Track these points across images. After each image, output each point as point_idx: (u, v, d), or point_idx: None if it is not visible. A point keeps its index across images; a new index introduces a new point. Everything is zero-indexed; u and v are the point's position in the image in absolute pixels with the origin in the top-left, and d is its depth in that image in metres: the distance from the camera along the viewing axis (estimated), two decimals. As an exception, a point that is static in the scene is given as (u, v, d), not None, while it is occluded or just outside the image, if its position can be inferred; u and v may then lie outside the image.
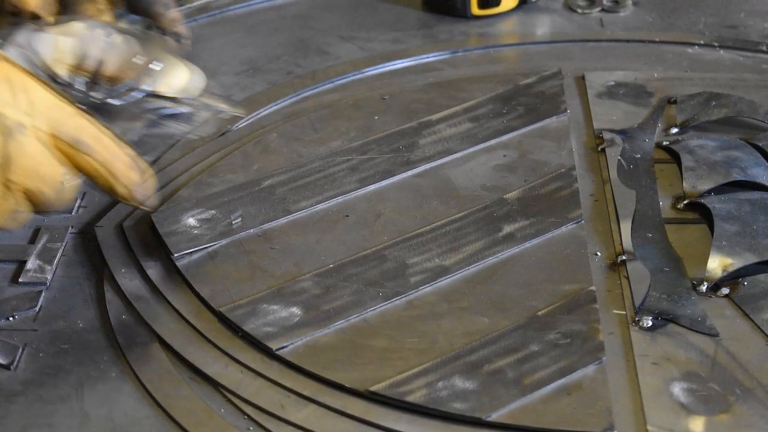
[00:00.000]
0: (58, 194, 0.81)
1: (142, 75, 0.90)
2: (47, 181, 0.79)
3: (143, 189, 0.84)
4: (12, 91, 0.77)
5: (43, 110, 0.79)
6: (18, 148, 0.77)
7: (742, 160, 1.02)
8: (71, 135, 0.80)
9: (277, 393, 0.81)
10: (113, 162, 0.82)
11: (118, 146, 0.83)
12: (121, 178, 0.83)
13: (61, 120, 0.80)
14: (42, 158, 0.79)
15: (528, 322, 0.86)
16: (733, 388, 0.80)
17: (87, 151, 0.81)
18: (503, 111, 1.13)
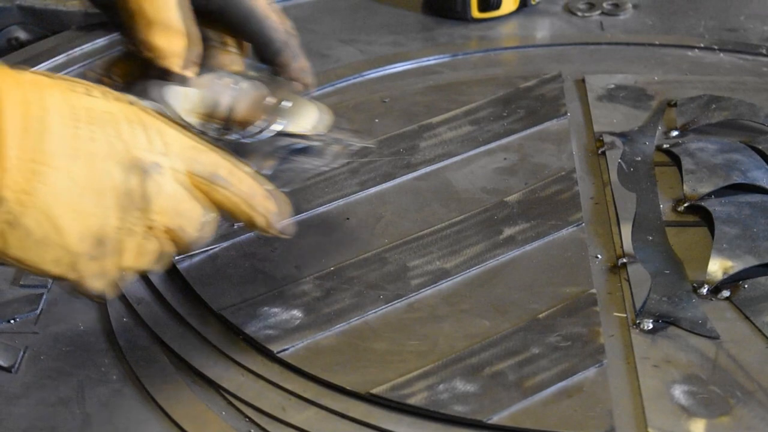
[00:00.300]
0: (199, 231, 0.81)
1: (271, 115, 0.92)
2: (187, 218, 0.80)
3: (281, 218, 0.85)
4: (146, 134, 0.77)
5: (178, 150, 0.79)
6: (156, 188, 0.77)
7: (743, 163, 1.02)
8: (207, 171, 0.80)
9: (278, 395, 0.81)
10: (250, 194, 0.83)
11: (254, 179, 0.83)
12: (259, 208, 0.83)
13: (195, 157, 0.80)
14: (181, 196, 0.79)
15: (529, 324, 0.86)
16: (733, 390, 0.80)
17: (223, 186, 0.81)
18: (503, 114, 1.14)
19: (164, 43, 0.89)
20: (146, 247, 0.78)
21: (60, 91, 0.74)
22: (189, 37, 0.90)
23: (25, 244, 0.73)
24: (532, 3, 1.38)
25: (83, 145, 0.74)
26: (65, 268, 0.75)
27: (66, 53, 1.29)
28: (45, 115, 0.73)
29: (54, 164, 0.73)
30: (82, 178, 0.74)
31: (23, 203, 0.72)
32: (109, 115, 0.76)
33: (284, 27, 0.98)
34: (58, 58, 1.29)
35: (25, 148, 0.71)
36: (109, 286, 0.78)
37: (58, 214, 0.73)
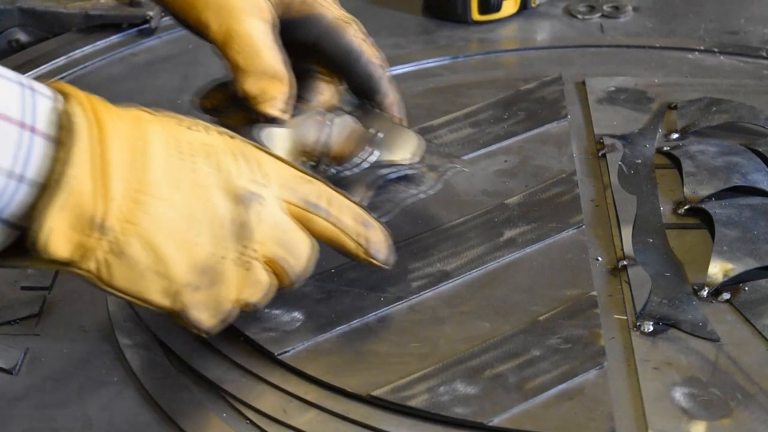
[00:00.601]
0: (302, 262, 0.82)
1: (366, 147, 0.94)
2: (290, 248, 0.81)
3: (381, 247, 0.86)
4: (247, 165, 0.78)
5: (278, 180, 0.80)
6: (258, 218, 0.78)
7: (743, 165, 1.02)
8: (307, 200, 0.81)
9: (279, 398, 0.81)
10: (350, 224, 0.84)
11: (354, 208, 0.84)
12: (359, 239, 0.84)
13: (296, 187, 0.81)
14: (283, 226, 0.80)
15: (529, 327, 0.86)
16: (734, 393, 0.80)
17: (324, 216, 0.82)
18: (504, 116, 1.14)
19: (258, 90, 0.91)
20: (249, 279, 0.79)
21: (162, 125, 0.76)
22: (282, 81, 0.92)
23: (129, 275, 0.74)
24: (532, 5, 1.39)
25: (186, 175, 0.75)
26: (170, 299, 0.76)
27: (66, 55, 1.30)
28: (148, 147, 0.74)
29: (157, 194, 0.74)
30: (185, 207, 0.75)
31: (127, 233, 0.73)
32: (210, 147, 0.77)
33: (379, 62, 1.00)
34: (59, 60, 1.29)
35: (130, 179, 0.72)
36: (213, 319, 0.79)
37: (161, 243, 0.74)
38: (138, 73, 1.28)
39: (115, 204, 0.72)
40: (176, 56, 1.25)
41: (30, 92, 0.71)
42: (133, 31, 1.34)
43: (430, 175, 0.95)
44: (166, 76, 1.26)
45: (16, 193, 0.70)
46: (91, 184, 0.71)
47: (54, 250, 0.71)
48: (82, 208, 0.71)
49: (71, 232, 0.71)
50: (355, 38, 0.98)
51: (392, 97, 1.00)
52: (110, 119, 0.73)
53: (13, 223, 0.71)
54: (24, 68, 1.26)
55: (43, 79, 1.23)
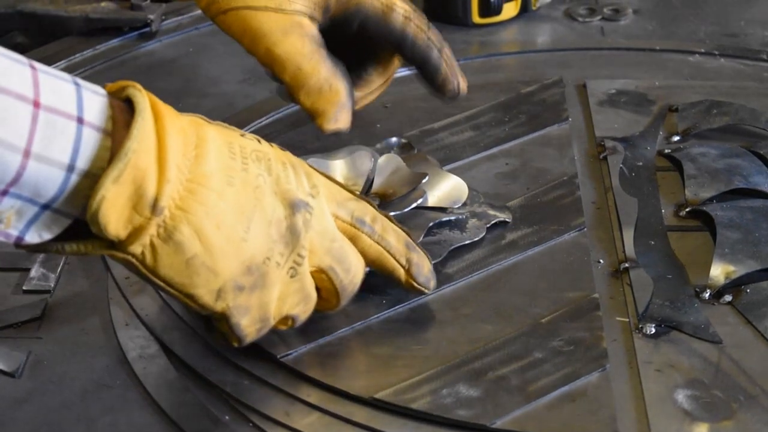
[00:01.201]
0: (351, 274, 0.82)
1: (411, 189, 0.95)
2: (338, 257, 0.81)
3: (423, 270, 0.86)
4: (296, 175, 0.79)
5: (326, 193, 0.81)
6: (305, 224, 0.78)
7: (744, 167, 1.02)
8: (354, 216, 0.82)
9: (282, 400, 0.81)
10: (393, 243, 0.84)
11: (396, 229, 0.85)
12: (402, 260, 0.85)
13: (342, 202, 0.82)
14: (330, 235, 0.81)
15: (531, 329, 0.86)
16: (736, 395, 0.80)
17: (368, 233, 0.83)
18: (505, 119, 1.14)
19: (311, 106, 0.97)
20: (293, 287, 0.79)
21: (216, 128, 0.77)
22: (331, 91, 0.96)
23: (175, 262, 0.74)
24: (532, 8, 1.39)
25: (237, 173, 0.76)
26: (213, 296, 0.76)
27: (67, 59, 1.29)
28: (202, 143, 0.75)
29: (209, 185, 0.74)
30: (236, 202, 0.76)
31: (177, 218, 0.73)
32: (262, 153, 0.78)
33: (426, 41, 1.02)
34: (60, 63, 1.29)
35: (183, 168, 0.73)
36: (252, 326, 0.79)
37: (210, 234, 0.74)
38: (139, 76, 1.26)
39: (169, 186, 0.72)
40: (177, 60, 1.25)
41: (84, 90, 0.72)
42: (133, 35, 1.34)
43: (474, 222, 0.96)
44: (167, 79, 1.26)
45: (74, 184, 0.70)
46: (149, 161, 0.71)
47: (103, 221, 0.71)
48: (138, 183, 0.71)
49: (124, 206, 0.71)
50: (396, 22, 0.99)
51: (443, 72, 1.02)
52: (168, 112, 0.74)
53: (74, 215, 0.72)
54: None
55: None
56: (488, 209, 0.98)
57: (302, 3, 0.96)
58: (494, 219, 0.97)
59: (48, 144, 0.69)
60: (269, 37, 0.95)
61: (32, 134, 0.69)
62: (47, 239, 0.72)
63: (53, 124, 0.69)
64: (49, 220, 0.72)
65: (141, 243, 0.73)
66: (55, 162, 0.70)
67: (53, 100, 0.70)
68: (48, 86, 0.70)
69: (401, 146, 1.07)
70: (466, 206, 0.98)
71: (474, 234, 0.95)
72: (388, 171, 0.99)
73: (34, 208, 0.71)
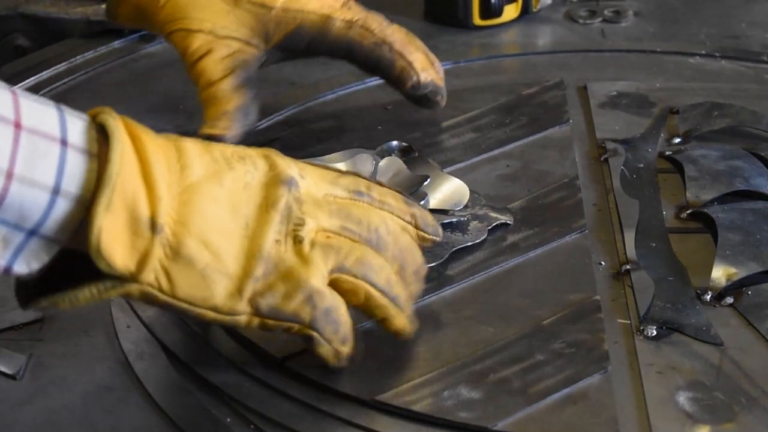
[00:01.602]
0: (363, 226, 0.81)
1: (412, 191, 0.96)
2: (343, 214, 0.80)
3: (428, 220, 0.86)
4: (283, 161, 0.79)
5: (313, 176, 0.81)
6: (299, 196, 0.78)
7: (745, 169, 1.02)
8: (348, 189, 0.82)
9: (284, 402, 0.81)
10: (394, 203, 0.84)
11: (390, 190, 0.85)
12: (405, 216, 0.84)
13: (332, 180, 0.82)
14: (329, 200, 0.80)
15: (533, 331, 0.86)
16: (738, 397, 0.80)
17: (367, 201, 0.82)
18: (506, 121, 1.14)
19: (204, 112, 1.02)
20: (313, 257, 0.78)
21: (192, 141, 0.77)
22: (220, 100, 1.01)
23: (190, 279, 0.74)
24: (533, 10, 1.39)
25: (224, 174, 0.76)
26: (237, 297, 0.76)
27: (68, 61, 1.30)
28: (183, 154, 0.75)
29: (202, 192, 0.75)
30: (230, 203, 0.76)
31: (179, 234, 0.73)
32: (243, 152, 0.79)
33: (373, 39, 1.04)
34: (60, 66, 1.29)
35: (172, 182, 0.73)
36: (291, 301, 0.77)
37: (213, 240, 0.75)
38: (139, 78, 1.28)
39: (162, 202, 0.72)
40: (177, 62, 1.24)
41: (67, 114, 0.72)
42: (134, 37, 1.34)
43: (475, 224, 0.97)
44: (167, 81, 1.26)
45: (61, 209, 0.70)
46: (136, 182, 0.71)
47: (107, 253, 0.70)
48: (131, 207, 0.71)
49: (123, 234, 0.71)
50: (338, 33, 1.02)
51: (399, 65, 1.02)
52: (144, 132, 0.74)
53: (61, 240, 0.71)
54: (26, 74, 1.26)
55: (45, 85, 1.24)
56: (489, 211, 0.98)
57: (236, 31, 1.02)
58: (495, 221, 0.97)
59: (31, 165, 0.69)
60: (194, 54, 1.02)
61: (14, 155, 0.68)
62: (35, 269, 0.71)
63: (36, 145, 0.69)
64: (36, 247, 0.71)
65: (152, 269, 0.73)
66: (40, 184, 0.69)
67: (35, 122, 0.69)
68: (29, 109, 0.70)
69: (402, 149, 1.07)
70: (468, 208, 0.98)
71: (475, 236, 0.95)
72: (390, 174, 0.99)
73: (20, 234, 0.70)
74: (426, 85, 1.04)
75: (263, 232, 0.76)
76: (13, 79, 1.25)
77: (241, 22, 1.02)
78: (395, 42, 1.03)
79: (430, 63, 1.08)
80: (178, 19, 1.04)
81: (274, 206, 0.77)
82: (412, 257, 0.83)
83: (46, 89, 1.25)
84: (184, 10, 1.03)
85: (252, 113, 1.01)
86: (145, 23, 1.08)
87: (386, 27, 1.05)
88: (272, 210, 0.77)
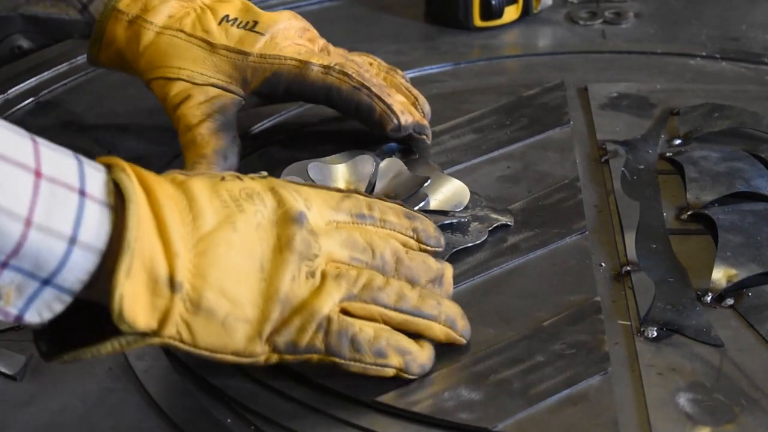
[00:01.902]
0: (369, 253, 0.82)
1: (412, 192, 0.96)
2: (350, 243, 0.81)
3: (430, 232, 0.88)
4: (288, 194, 0.80)
5: (317, 203, 0.81)
6: (311, 232, 0.79)
7: (746, 171, 1.02)
8: (351, 213, 0.83)
9: (285, 404, 0.81)
10: (395, 220, 0.85)
11: (393, 206, 0.86)
12: (407, 231, 0.86)
13: (335, 206, 0.83)
14: (335, 230, 0.81)
15: (533, 332, 0.86)
16: (738, 398, 0.80)
17: (371, 223, 0.84)
18: (507, 122, 1.14)
19: (183, 155, 1.03)
20: (325, 288, 0.79)
21: (200, 183, 0.78)
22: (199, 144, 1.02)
23: (211, 329, 0.75)
24: (534, 12, 1.39)
25: (237, 217, 0.77)
26: (258, 342, 0.77)
27: (69, 62, 1.30)
28: (194, 203, 0.76)
29: (217, 242, 0.75)
30: (244, 248, 0.76)
31: (198, 287, 0.74)
32: (249, 189, 0.79)
33: (351, 84, 1.05)
34: (61, 66, 1.29)
35: (186, 235, 0.74)
36: (305, 335, 0.78)
37: (231, 287, 0.75)
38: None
39: (179, 259, 0.73)
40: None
41: (85, 164, 0.72)
42: (135, 38, 1.33)
43: (476, 225, 0.97)
44: (168, 82, 1.25)
45: (76, 259, 0.70)
46: (153, 244, 0.72)
47: (130, 318, 0.71)
48: (149, 268, 0.72)
49: (144, 296, 0.72)
50: (315, 78, 1.04)
51: (378, 109, 1.03)
52: (156, 184, 0.74)
53: (75, 291, 0.71)
54: (26, 75, 1.27)
55: (45, 86, 1.24)
56: (490, 212, 0.98)
57: (214, 77, 1.04)
58: (496, 222, 0.97)
59: (50, 214, 0.69)
60: (173, 101, 1.04)
61: (34, 203, 0.69)
62: (47, 319, 0.72)
63: (55, 194, 0.69)
64: (49, 297, 0.71)
65: (173, 323, 0.74)
66: (57, 233, 0.69)
67: (55, 171, 0.70)
68: (49, 158, 0.70)
69: (402, 150, 1.07)
70: (468, 209, 0.98)
71: (476, 237, 0.95)
72: (390, 175, 0.99)
73: (35, 283, 0.70)
74: (406, 127, 1.04)
75: (279, 274, 0.77)
76: (13, 80, 1.25)
77: (218, 68, 1.04)
78: (373, 86, 1.04)
79: (412, 102, 1.08)
80: (156, 68, 1.05)
81: (288, 247, 0.77)
82: (424, 268, 0.84)
83: (46, 90, 1.25)
84: (162, 58, 1.05)
85: (231, 156, 1.02)
86: (126, 69, 1.09)
87: (365, 71, 1.07)
88: (286, 251, 0.77)
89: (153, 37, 1.06)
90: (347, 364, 0.79)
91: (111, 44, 1.08)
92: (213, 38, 1.05)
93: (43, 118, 1.20)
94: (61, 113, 1.21)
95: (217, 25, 1.05)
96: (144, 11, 1.06)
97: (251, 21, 1.06)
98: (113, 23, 1.07)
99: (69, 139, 1.13)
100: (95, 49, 1.10)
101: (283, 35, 1.06)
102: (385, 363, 0.80)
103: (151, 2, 1.07)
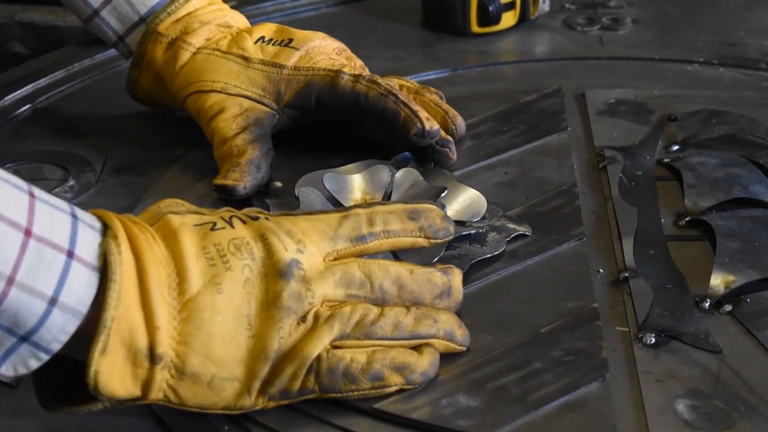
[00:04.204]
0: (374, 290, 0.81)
1: (432, 201, 0.94)
2: (345, 281, 0.80)
3: (435, 226, 0.86)
4: (278, 240, 0.78)
5: (312, 240, 0.80)
6: (303, 282, 0.78)
7: (744, 177, 1.02)
8: (350, 237, 0.81)
9: (282, 411, 0.81)
10: (398, 227, 0.84)
11: (393, 211, 0.84)
12: (412, 234, 0.85)
13: (333, 235, 0.81)
14: (327, 272, 0.80)
15: (531, 339, 0.86)
16: (737, 404, 0.80)
17: (372, 240, 0.83)
18: (504, 128, 1.14)
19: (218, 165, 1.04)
20: (316, 332, 0.78)
21: (189, 236, 0.77)
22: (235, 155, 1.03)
23: (198, 392, 0.76)
24: (531, 18, 1.39)
25: (222, 277, 0.76)
26: (247, 396, 0.77)
27: (66, 69, 1.30)
28: (181, 263, 0.75)
29: (201, 306, 0.75)
30: (230, 308, 0.76)
31: (182, 354, 0.74)
32: (238, 240, 0.78)
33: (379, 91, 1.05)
34: (58, 73, 1.29)
35: (171, 302, 0.74)
36: (297, 380, 0.77)
37: (217, 351, 0.75)
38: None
39: (160, 332, 0.73)
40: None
41: (80, 223, 0.72)
42: (132, 45, 1.33)
43: (494, 235, 0.96)
44: (165, 89, 1.25)
45: (55, 319, 0.71)
46: (134, 317, 0.72)
47: (107, 391, 0.72)
48: (129, 343, 0.72)
49: (122, 369, 0.73)
50: (346, 86, 1.05)
51: (403, 115, 1.03)
52: (147, 246, 0.74)
53: (53, 350, 0.72)
54: (23, 82, 1.26)
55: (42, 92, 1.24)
56: (507, 222, 0.97)
57: (248, 90, 1.06)
58: (514, 232, 0.97)
59: (33, 274, 0.69)
60: (208, 113, 1.06)
61: (19, 262, 0.69)
62: (21, 374, 0.72)
63: (42, 254, 0.70)
64: (26, 353, 0.71)
65: (158, 389, 0.75)
66: (38, 293, 0.70)
67: (45, 230, 0.70)
68: (43, 215, 0.71)
69: (415, 160, 1.07)
70: (485, 220, 0.97)
71: (494, 248, 0.95)
72: (406, 185, 0.98)
73: (12, 339, 0.71)
74: (431, 133, 1.04)
75: (267, 332, 0.77)
76: (10, 87, 1.25)
77: (253, 81, 1.06)
78: (400, 94, 1.05)
79: (441, 116, 1.09)
80: (191, 83, 1.08)
81: (276, 304, 0.77)
82: (428, 287, 0.84)
83: (43, 97, 1.25)
84: (197, 74, 1.07)
85: (264, 168, 1.02)
86: (163, 92, 1.11)
87: (394, 84, 1.08)
88: (273, 308, 0.77)
89: (190, 56, 1.08)
90: (347, 396, 0.79)
91: (150, 66, 1.11)
92: (248, 53, 1.07)
93: (39, 124, 1.20)
94: (57, 120, 1.21)
95: (252, 44, 1.08)
96: (183, 33, 1.09)
97: (286, 39, 1.09)
98: (153, 45, 1.10)
99: (65, 146, 1.14)
100: (136, 71, 1.12)
101: (318, 50, 1.08)
102: (384, 384, 0.80)
103: (191, 26, 1.09)
